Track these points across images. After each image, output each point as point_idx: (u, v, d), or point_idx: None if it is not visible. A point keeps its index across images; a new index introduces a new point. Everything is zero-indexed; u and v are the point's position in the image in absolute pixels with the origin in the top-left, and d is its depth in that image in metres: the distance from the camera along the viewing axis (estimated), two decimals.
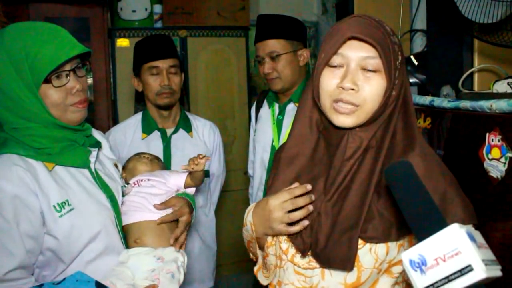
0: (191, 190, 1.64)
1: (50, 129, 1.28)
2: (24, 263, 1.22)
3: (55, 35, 1.25)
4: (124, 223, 1.45)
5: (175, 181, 1.59)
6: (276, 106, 2.24)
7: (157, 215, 1.48)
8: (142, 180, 1.56)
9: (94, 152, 1.41)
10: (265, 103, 2.32)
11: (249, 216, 1.20)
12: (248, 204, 2.40)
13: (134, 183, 1.55)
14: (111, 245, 1.36)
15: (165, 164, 1.98)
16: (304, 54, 2.17)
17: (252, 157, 2.39)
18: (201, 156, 1.54)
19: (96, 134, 1.52)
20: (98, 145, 1.44)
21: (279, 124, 2.20)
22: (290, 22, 2.16)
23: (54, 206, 1.25)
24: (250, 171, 2.44)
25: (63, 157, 1.30)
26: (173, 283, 1.33)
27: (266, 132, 2.24)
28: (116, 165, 1.57)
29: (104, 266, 1.33)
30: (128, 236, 1.44)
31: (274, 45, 2.09)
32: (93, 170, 1.39)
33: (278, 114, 2.21)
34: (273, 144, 2.19)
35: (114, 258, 1.36)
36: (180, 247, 1.49)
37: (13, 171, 1.21)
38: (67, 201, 1.28)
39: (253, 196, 2.35)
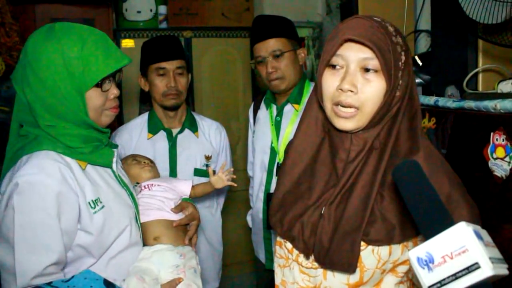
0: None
1: (82, 129, 1.33)
2: (61, 259, 1.25)
3: (108, 45, 1.32)
4: (142, 221, 1.53)
5: (182, 188, 1.73)
6: (274, 107, 2.23)
7: (173, 216, 1.59)
8: (152, 185, 1.66)
9: (115, 152, 1.48)
10: (263, 105, 2.31)
11: None
12: (249, 205, 2.42)
13: (144, 186, 1.65)
14: (133, 241, 1.43)
15: (171, 163, 2.12)
16: (302, 54, 2.17)
17: (251, 158, 2.38)
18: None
19: None
20: (115, 146, 1.50)
21: (277, 126, 2.19)
22: (287, 22, 2.17)
23: (89, 203, 1.30)
24: (250, 172, 2.44)
25: (93, 157, 1.36)
26: (196, 277, 1.43)
27: (264, 133, 2.23)
28: (122, 167, 1.63)
29: (125, 261, 1.40)
30: (146, 233, 1.52)
31: (276, 43, 2.08)
32: (115, 170, 1.47)
33: (276, 116, 2.20)
34: (272, 145, 2.18)
35: (134, 253, 1.43)
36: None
37: (55, 168, 1.25)
38: (99, 198, 1.33)
39: (253, 196, 2.34)
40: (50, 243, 1.22)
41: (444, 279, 0.67)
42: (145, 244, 1.50)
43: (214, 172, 1.88)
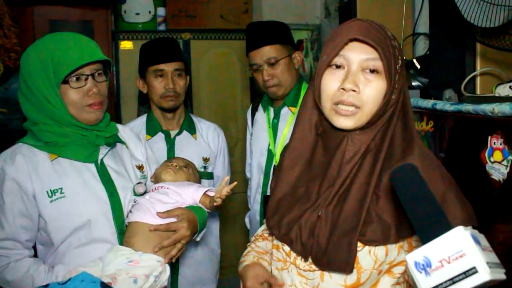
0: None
1: (63, 126, 1.44)
2: (14, 236, 1.40)
3: (79, 43, 1.43)
4: (127, 221, 1.51)
5: (191, 194, 1.61)
6: (271, 110, 2.24)
7: (157, 221, 1.50)
8: (161, 187, 1.61)
9: (104, 149, 1.52)
10: (260, 107, 2.32)
11: (241, 266, 1.27)
12: (247, 207, 2.42)
13: (155, 188, 1.62)
14: (100, 237, 1.45)
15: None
16: (298, 57, 2.18)
17: (249, 160, 2.39)
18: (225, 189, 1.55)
19: (127, 136, 1.66)
20: (111, 144, 1.55)
21: (274, 128, 2.20)
22: (281, 27, 2.16)
23: (47, 192, 1.41)
24: (248, 174, 2.44)
25: (66, 151, 1.45)
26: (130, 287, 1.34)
27: (262, 136, 2.24)
28: (140, 167, 1.64)
29: (90, 254, 1.43)
30: (125, 233, 1.49)
31: (270, 51, 2.08)
32: (99, 165, 1.50)
33: (273, 118, 2.21)
34: (269, 148, 2.19)
35: (100, 249, 1.44)
36: (171, 260, 1.50)
37: (16, 158, 1.42)
38: (61, 189, 1.42)
39: (251, 198, 2.35)
40: (2, 221, 1.39)
41: (441, 284, 0.67)
42: (121, 243, 1.48)
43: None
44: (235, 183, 1.57)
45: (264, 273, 1.20)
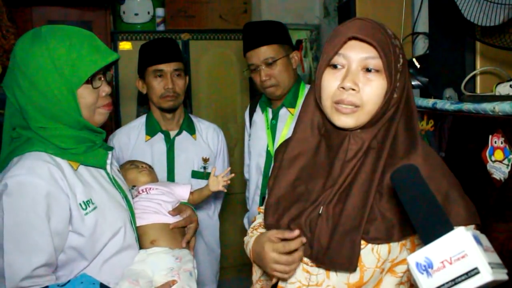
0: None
1: (75, 130, 1.32)
2: (50, 260, 1.23)
3: (95, 42, 1.32)
4: (138, 224, 1.52)
5: (180, 193, 1.73)
6: (270, 111, 2.23)
7: (171, 219, 1.58)
8: (151, 189, 1.65)
9: (109, 154, 1.45)
10: (258, 108, 2.31)
11: (250, 244, 1.24)
12: (246, 208, 2.42)
13: (142, 190, 1.65)
14: (128, 243, 1.41)
15: (168, 166, 2.14)
16: (295, 57, 2.17)
17: (247, 161, 2.39)
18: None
19: None
20: (110, 148, 1.48)
21: (273, 129, 2.19)
22: (278, 27, 2.15)
23: (80, 204, 1.28)
24: (246, 175, 2.44)
25: (86, 157, 1.34)
26: (191, 280, 1.42)
27: (260, 137, 2.24)
28: (119, 171, 1.62)
29: (120, 264, 1.38)
30: (143, 236, 1.51)
31: (268, 51, 2.06)
32: (109, 171, 1.45)
33: (272, 119, 2.20)
34: (268, 149, 2.18)
35: (129, 256, 1.41)
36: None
37: (44, 168, 1.23)
38: (91, 199, 1.31)
39: (249, 199, 2.34)
40: (39, 244, 1.20)
41: (443, 285, 0.67)
42: (142, 247, 1.49)
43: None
44: (229, 168, 1.78)
45: (274, 233, 1.12)
